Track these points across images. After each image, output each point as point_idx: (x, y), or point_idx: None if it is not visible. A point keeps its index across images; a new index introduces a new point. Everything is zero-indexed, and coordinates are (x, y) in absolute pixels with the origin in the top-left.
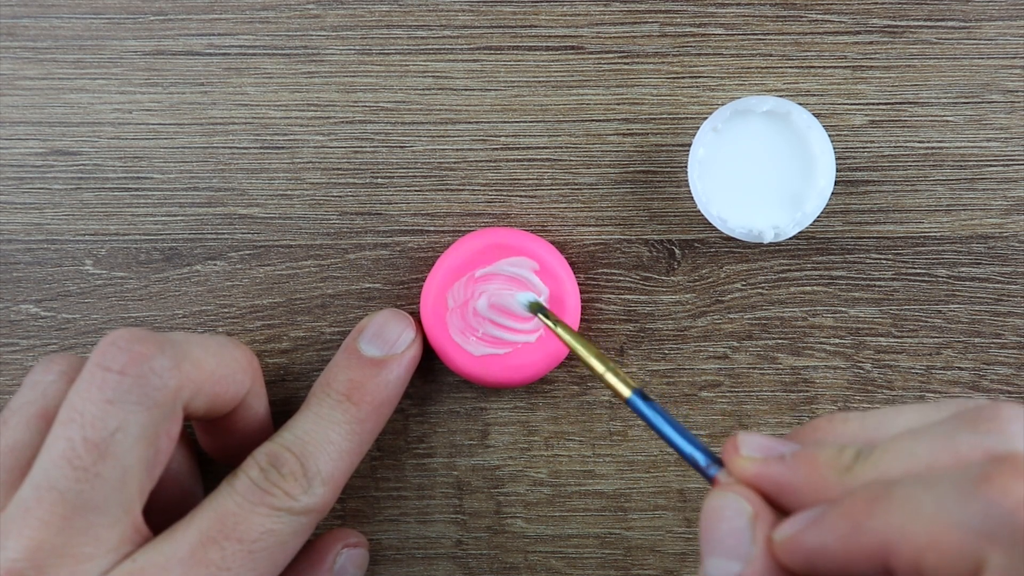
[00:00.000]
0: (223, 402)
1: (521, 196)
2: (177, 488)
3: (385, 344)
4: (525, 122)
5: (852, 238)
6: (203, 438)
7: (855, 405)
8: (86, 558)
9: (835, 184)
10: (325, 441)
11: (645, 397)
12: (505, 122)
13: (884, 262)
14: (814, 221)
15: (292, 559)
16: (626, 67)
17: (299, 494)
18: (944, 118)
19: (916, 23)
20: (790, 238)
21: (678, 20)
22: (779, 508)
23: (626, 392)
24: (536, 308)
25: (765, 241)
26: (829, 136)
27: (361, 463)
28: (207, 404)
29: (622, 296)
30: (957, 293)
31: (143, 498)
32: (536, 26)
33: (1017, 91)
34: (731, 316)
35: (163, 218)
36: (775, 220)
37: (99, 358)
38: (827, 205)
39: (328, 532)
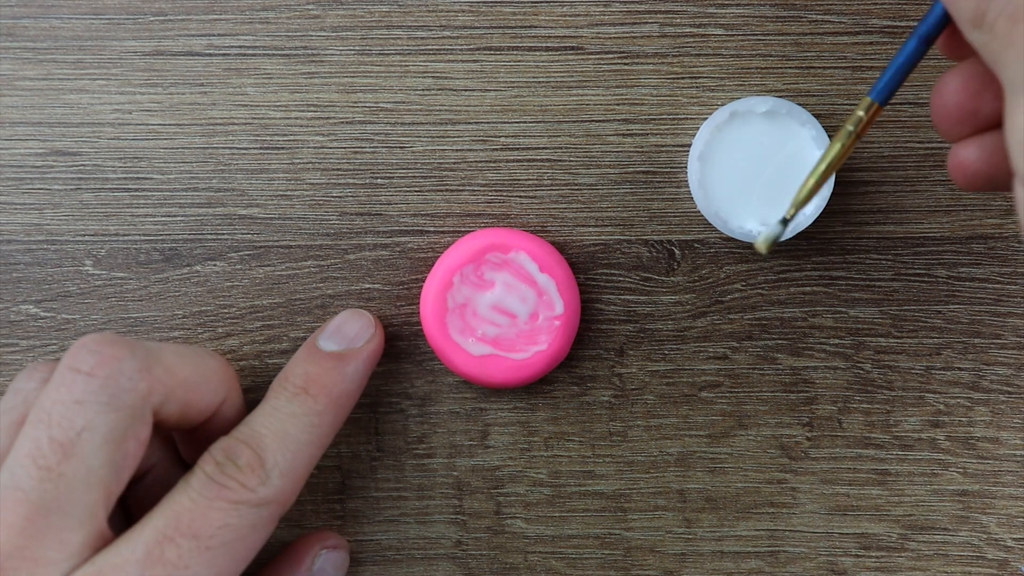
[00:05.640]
0: (197, 410)
1: (521, 196)
2: (165, 494)
3: (344, 340)
4: (525, 123)
5: (852, 238)
6: (183, 448)
7: (855, 406)
8: (48, 562)
9: (835, 184)
10: (282, 434)
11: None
12: (505, 123)
13: (884, 262)
14: (814, 221)
15: (272, 562)
16: (626, 67)
17: (256, 486)
18: None
19: (915, 23)
20: (790, 238)
21: (678, 20)
22: None
23: (868, 102)
24: (777, 235)
25: None
26: (829, 136)
27: (361, 463)
28: (179, 411)
29: (622, 296)
30: (957, 293)
31: (109, 503)
32: (536, 27)
33: None
34: (731, 316)
35: (163, 219)
36: (774, 221)
37: (70, 360)
38: (827, 205)
39: (307, 534)
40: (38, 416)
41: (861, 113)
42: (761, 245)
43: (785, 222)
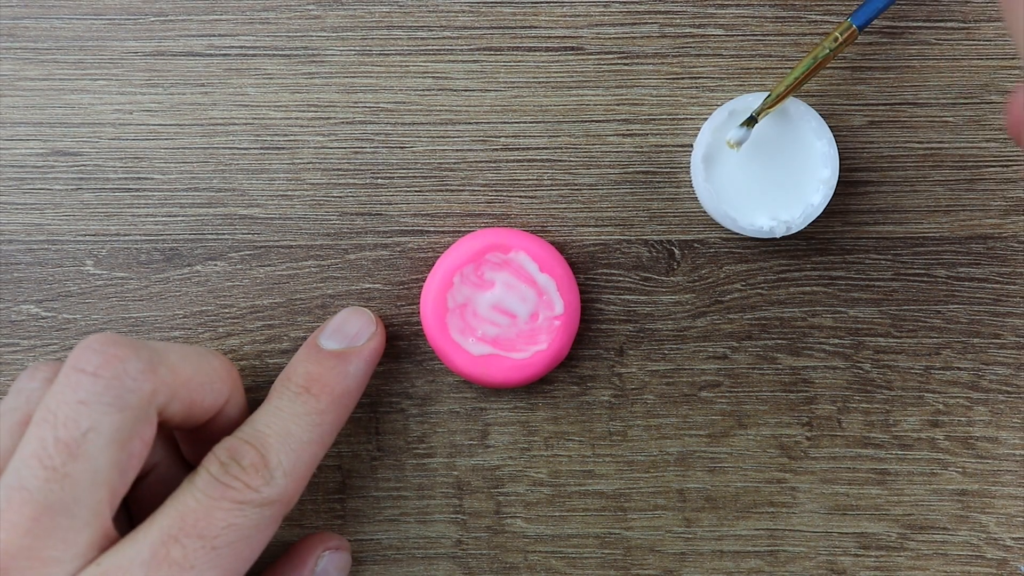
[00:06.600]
0: (200, 410)
1: (521, 196)
2: (168, 492)
3: (345, 338)
4: (525, 123)
5: (852, 238)
6: (185, 447)
7: (854, 405)
8: (52, 562)
9: (835, 184)
10: (285, 433)
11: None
12: (505, 123)
13: (883, 262)
14: (814, 221)
15: (275, 564)
16: (626, 68)
17: (261, 486)
18: (943, 119)
19: (915, 24)
20: (790, 238)
21: (678, 21)
22: None
23: (847, 25)
24: (750, 122)
25: (777, 236)
26: (830, 128)
27: (361, 463)
28: (183, 411)
29: (622, 296)
30: (956, 293)
31: (114, 503)
32: (536, 27)
33: None
34: (731, 316)
35: (164, 218)
36: (784, 215)
37: (74, 361)
38: (827, 205)
39: (309, 535)
40: (43, 416)
41: (838, 35)
42: (731, 143)
43: (753, 121)
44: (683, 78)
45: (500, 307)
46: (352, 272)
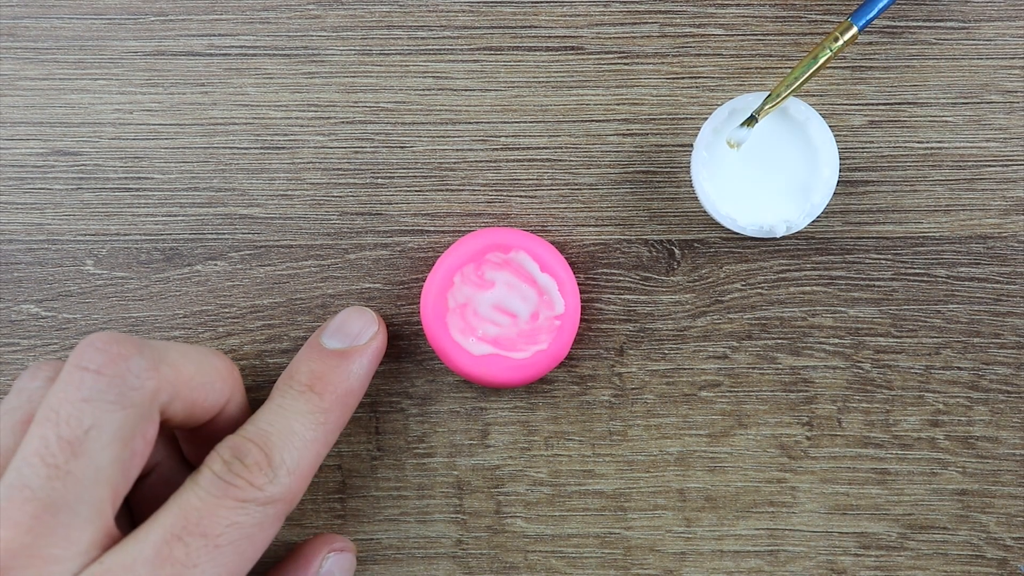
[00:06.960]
0: (202, 409)
1: (521, 196)
2: (169, 492)
3: (347, 337)
4: (525, 122)
5: (852, 238)
6: (186, 447)
7: (855, 405)
8: (54, 560)
9: (835, 184)
10: (289, 432)
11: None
12: (505, 122)
13: (883, 262)
14: (814, 221)
15: (279, 565)
16: (626, 67)
17: (264, 484)
18: (943, 118)
19: (915, 23)
20: (790, 238)
21: (678, 20)
22: None
23: (847, 24)
24: (750, 122)
25: (778, 235)
26: (830, 126)
27: (361, 463)
28: (185, 410)
29: (622, 296)
30: (956, 293)
31: (116, 502)
32: (536, 27)
33: (1016, 91)
34: (731, 316)
35: (164, 218)
36: (785, 214)
37: (77, 359)
38: (827, 205)
39: (314, 537)
40: (45, 414)
41: (838, 35)
42: (731, 143)
43: (753, 120)
44: (683, 78)
45: (501, 307)
46: (352, 272)
